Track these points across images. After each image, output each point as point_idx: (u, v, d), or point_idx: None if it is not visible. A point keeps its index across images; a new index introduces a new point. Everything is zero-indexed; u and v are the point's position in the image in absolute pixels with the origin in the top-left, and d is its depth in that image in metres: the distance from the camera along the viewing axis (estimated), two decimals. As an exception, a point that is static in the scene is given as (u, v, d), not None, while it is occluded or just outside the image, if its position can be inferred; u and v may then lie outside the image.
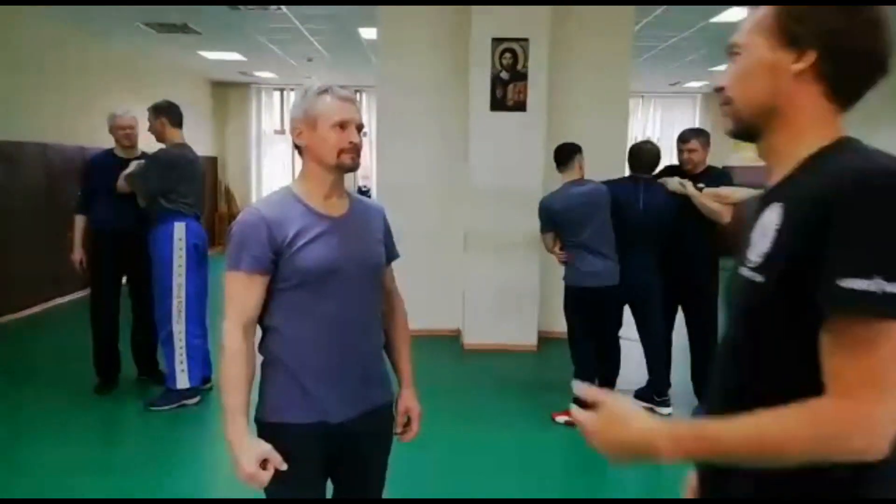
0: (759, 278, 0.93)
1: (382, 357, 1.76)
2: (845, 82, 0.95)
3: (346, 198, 1.69)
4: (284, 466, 1.51)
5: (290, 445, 1.53)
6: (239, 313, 1.56)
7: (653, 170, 3.89)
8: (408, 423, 1.81)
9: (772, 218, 0.93)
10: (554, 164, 3.96)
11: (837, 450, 0.83)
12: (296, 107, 1.62)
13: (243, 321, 1.56)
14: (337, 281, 1.59)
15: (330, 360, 1.60)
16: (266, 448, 1.50)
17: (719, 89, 1.07)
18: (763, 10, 0.97)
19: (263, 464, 1.50)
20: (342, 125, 1.57)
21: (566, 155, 3.87)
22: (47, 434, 3.60)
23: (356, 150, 1.60)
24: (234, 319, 1.55)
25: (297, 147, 1.64)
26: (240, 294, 1.56)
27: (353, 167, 1.61)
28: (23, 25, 6.14)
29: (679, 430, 0.93)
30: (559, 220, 3.79)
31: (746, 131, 1.03)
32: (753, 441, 0.86)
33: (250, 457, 1.47)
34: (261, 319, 1.62)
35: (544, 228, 3.89)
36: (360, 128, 1.62)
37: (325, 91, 1.59)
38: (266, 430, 1.58)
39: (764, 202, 0.99)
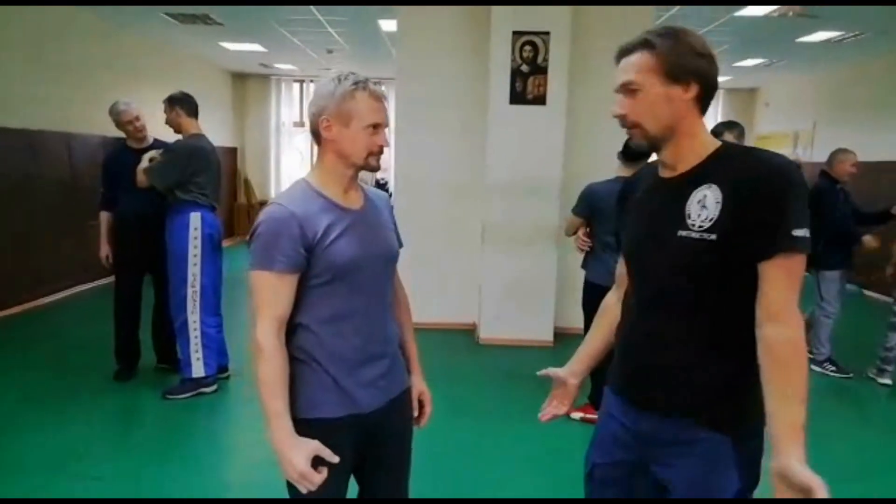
0: (711, 237, 1.31)
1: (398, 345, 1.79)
2: (706, 104, 1.39)
3: (360, 190, 1.69)
4: (336, 459, 1.51)
5: (324, 440, 1.52)
6: (272, 314, 1.51)
7: None
8: (420, 408, 1.85)
9: (708, 194, 1.32)
10: (571, 159, 3.89)
11: None
12: (325, 97, 1.56)
13: (277, 322, 1.52)
14: (363, 274, 1.60)
15: (358, 353, 1.61)
16: (316, 444, 1.49)
17: (621, 116, 1.40)
18: (649, 58, 1.34)
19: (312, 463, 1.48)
20: (375, 127, 1.57)
21: (637, 153, 3.49)
22: (65, 419, 3.65)
23: (382, 152, 1.61)
24: (267, 320, 1.51)
25: (315, 136, 1.60)
26: (273, 295, 1.51)
27: (377, 168, 1.62)
28: (46, 15, 6.21)
29: (788, 448, 1.22)
30: (603, 213, 3.57)
31: (655, 144, 1.40)
32: (804, 399, 1.24)
33: (301, 455, 1.46)
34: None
35: (579, 212, 3.71)
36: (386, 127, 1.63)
37: (361, 87, 1.55)
38: (300, 426, 1.53)
39: (690, 185, 1.36)
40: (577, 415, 3.77)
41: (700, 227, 1.32)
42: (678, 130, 1.37)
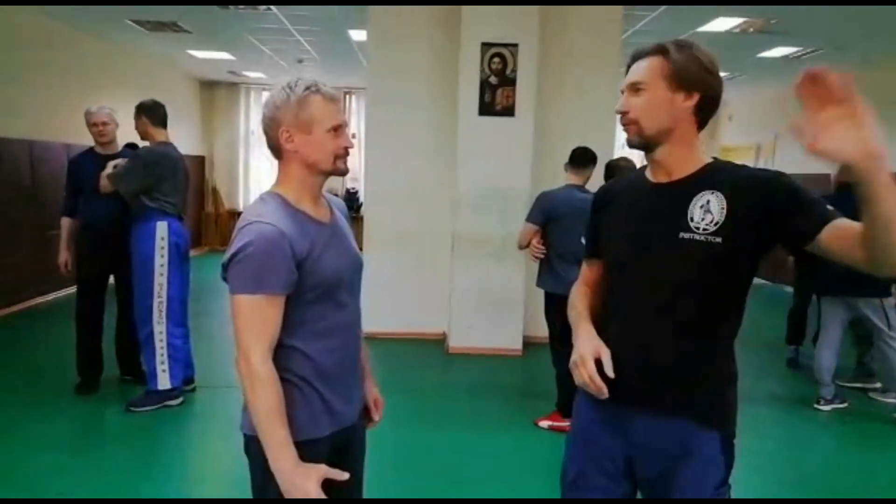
0: (717, 239, 1.38)
1: None
2: (706, 117, 1.45)
3: (325, 200, 1.65)
4: (346, 476, 1.50)
5: (309, 459, 1.48)
6: (265, 340, 1.45)
7: None
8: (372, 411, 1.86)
9: (712, 199, 1.40)
10: (540, 169, 3.96)
11: None
12: (280, 108, 1.49)
13: (270, 347, 1.46)
14: (343, 287, 1.59)
15: (340, 367, 1.60)
16: (324, 469, 1.47)
17: (622, 112, 1.45)
18: (661, 62, 1.41)
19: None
20: (336, 129, 1.52)
21: (586, 161, 3.78)
22: (26, 434, 3.56)
23: (348, 153, 1.56)
24: (261, 346, 1.44)
25: (275, 150, 1.54)
26: (265, 319, 1.45)
27: (346, 171, 1.60)
28: (10, 20, 6.08)
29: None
30: (558, 220, 3.65)
31: (647, 143, 1.45)
32: None
33: (313, 483, 1.43)
34: None
35: (534, 220, 3.75)
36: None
37: (314, 90, 1.50)
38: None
39: (690, 190, 1.43)
40: (544, 423, 3.80)
41: (705, 230, 1.40)
42: (673, 135, 1.43)
